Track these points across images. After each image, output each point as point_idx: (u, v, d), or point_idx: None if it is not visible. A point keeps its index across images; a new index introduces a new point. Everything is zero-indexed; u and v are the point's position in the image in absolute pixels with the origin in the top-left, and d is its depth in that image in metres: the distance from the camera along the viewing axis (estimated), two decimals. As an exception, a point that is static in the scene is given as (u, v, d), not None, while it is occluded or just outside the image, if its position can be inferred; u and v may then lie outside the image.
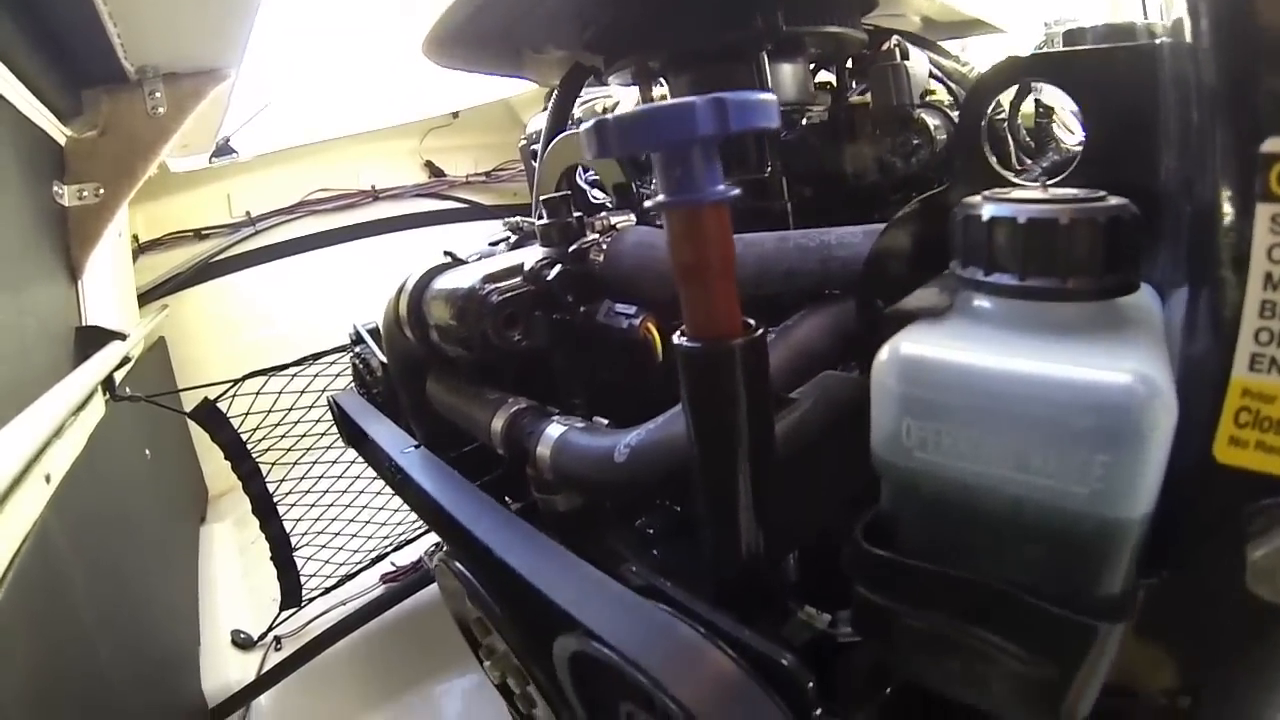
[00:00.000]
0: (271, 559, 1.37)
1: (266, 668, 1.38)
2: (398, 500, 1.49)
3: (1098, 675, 0.33)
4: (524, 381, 0.73)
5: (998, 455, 0.32)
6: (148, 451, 1.68)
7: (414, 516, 1.56)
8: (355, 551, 1.46)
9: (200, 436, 2.10)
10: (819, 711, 0.41)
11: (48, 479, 0.94)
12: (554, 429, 0.60)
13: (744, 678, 0.42)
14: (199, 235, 2.33)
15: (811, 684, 0.40)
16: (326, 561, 1.44)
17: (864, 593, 0.40)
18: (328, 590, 1.43)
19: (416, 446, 0.82)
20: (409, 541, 1.54)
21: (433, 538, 1.52)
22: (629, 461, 0.53)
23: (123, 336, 1.52)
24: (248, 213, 2.31)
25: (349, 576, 1.43)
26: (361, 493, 1.47)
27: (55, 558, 0.86)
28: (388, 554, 1.44)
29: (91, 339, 1.44)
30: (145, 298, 2.15)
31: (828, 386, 0.52)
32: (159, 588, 1.39)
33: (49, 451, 1.01)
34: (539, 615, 0.61)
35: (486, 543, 0.60)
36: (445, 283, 0.75)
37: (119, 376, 1.48)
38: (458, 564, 0.74)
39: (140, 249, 2.23)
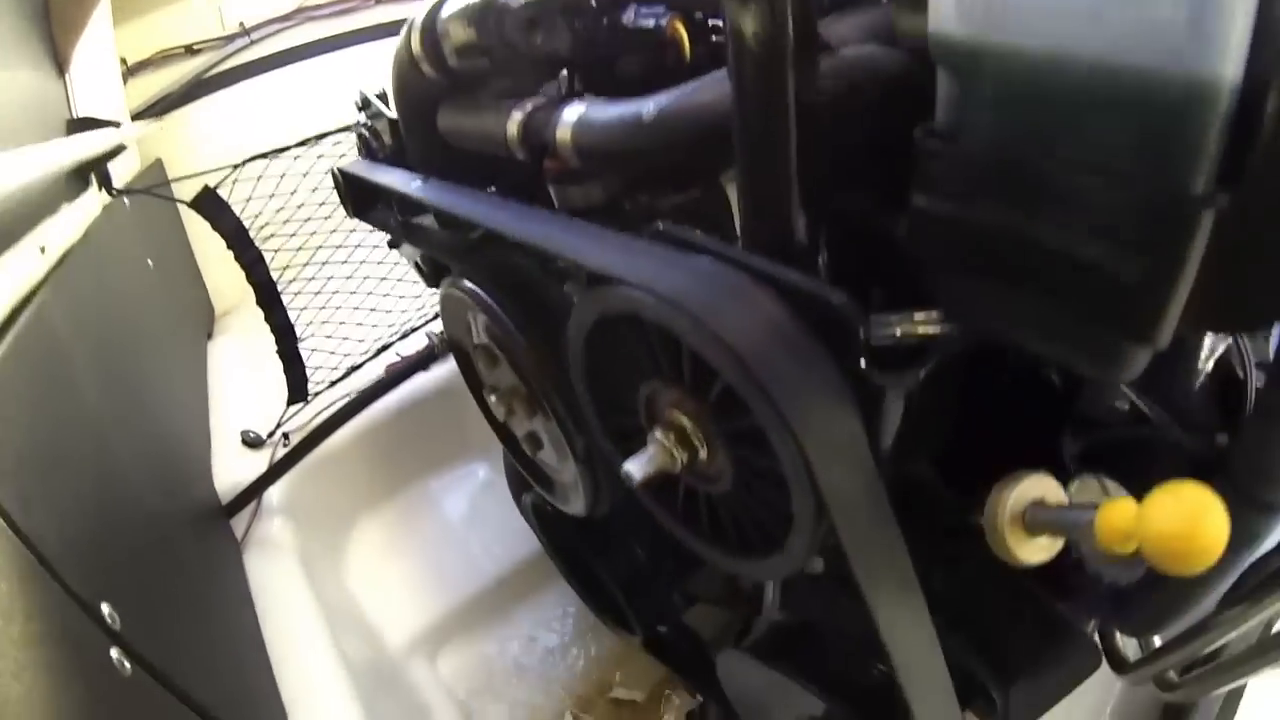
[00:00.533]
0: (277, 352, 1.38)
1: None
2: (403, 288, 1.53)
3: (1186, 281, 0.31)
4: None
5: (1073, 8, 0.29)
6: (150, 262, 1.66)
7: (418, 305, 1.56)
8: (361, 341, 1.46)
9: (205, 252, 2.10)
10: (864, 361, 0.39)
11: (42, 250, 0.92)
12: (572, 110, 0.58)
13: (791, 317, 0.40)
14: (190, 51, 2.21)
15: (862, 328, 0.39)
16: (332, 353, 1.45)
17: (927, 200, 0.38)
18: (334, 384, 1.44)
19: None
20: (415, 329, 1.54)
21: (437, 325, 1.52)
22: (657, 123, 0.51)
23: (115, 124, 1.47)
24: (241, 24, 2.19)
25: (355, 368, 1.43)
26: (366, 279, 1.46)
27: (55, 336, 0.85)
28: (393, 344, 1.44)
29: (83, 129, 1.39)
30: (138, 119, 2.06)
31: (874, 50, 0.49)
32: (166, 392, 1.41)
33: (44, 223, 0.99)
34: (558, 312, 0.60)
35: (508, 230, 0.58)
36: (457, 4, 0.71)
37: (116, 177, 1.44)
38: (467, 283, 0.73)
39: (129, 71, 2.12)
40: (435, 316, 1.53)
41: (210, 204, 1.31)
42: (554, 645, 1.46)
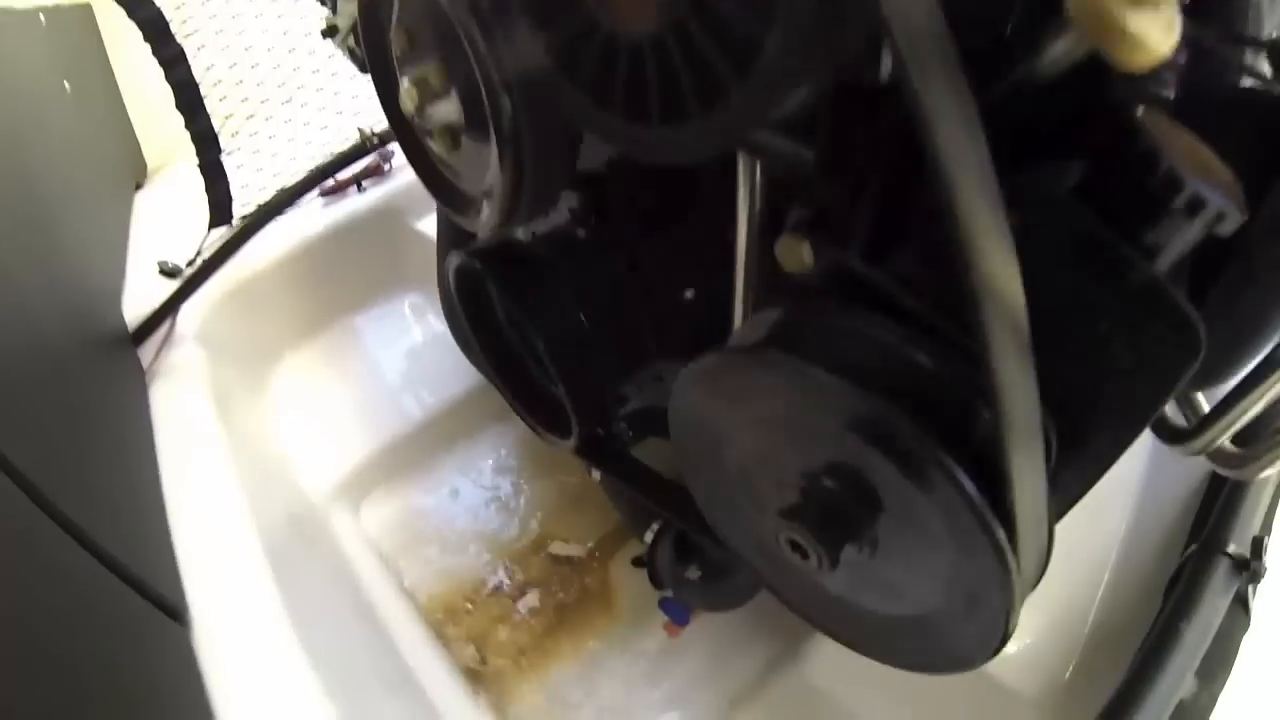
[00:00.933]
0: (199, 165, 1.21)
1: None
2: (340, 102, 1.37)
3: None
4: None
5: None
6: (66, 84, 1.48)
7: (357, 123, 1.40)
8: (293, 159, 1.29)
9: (138, 100, 1.91)
10: None
11: None
12: None
13: None
14: None
15: None
16: (259, 170, 1.28)
17: None
18: (261, 207, 1.27)
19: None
20: (349, 160, 1.38)
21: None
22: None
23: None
24: None
25: (285, 191, 1.27)
26: (300, 88, 1.29)
27: None
28: (328, 167, 1.28)
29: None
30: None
31: None
32: (77, 224, 1.26)
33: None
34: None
35: None
36: None
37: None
38: None
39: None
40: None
41: (124, -14, 1.13)
42: (487, 497, 1.35)
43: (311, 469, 1.29)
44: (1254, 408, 0.49)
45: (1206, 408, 0.57)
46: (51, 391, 0.86)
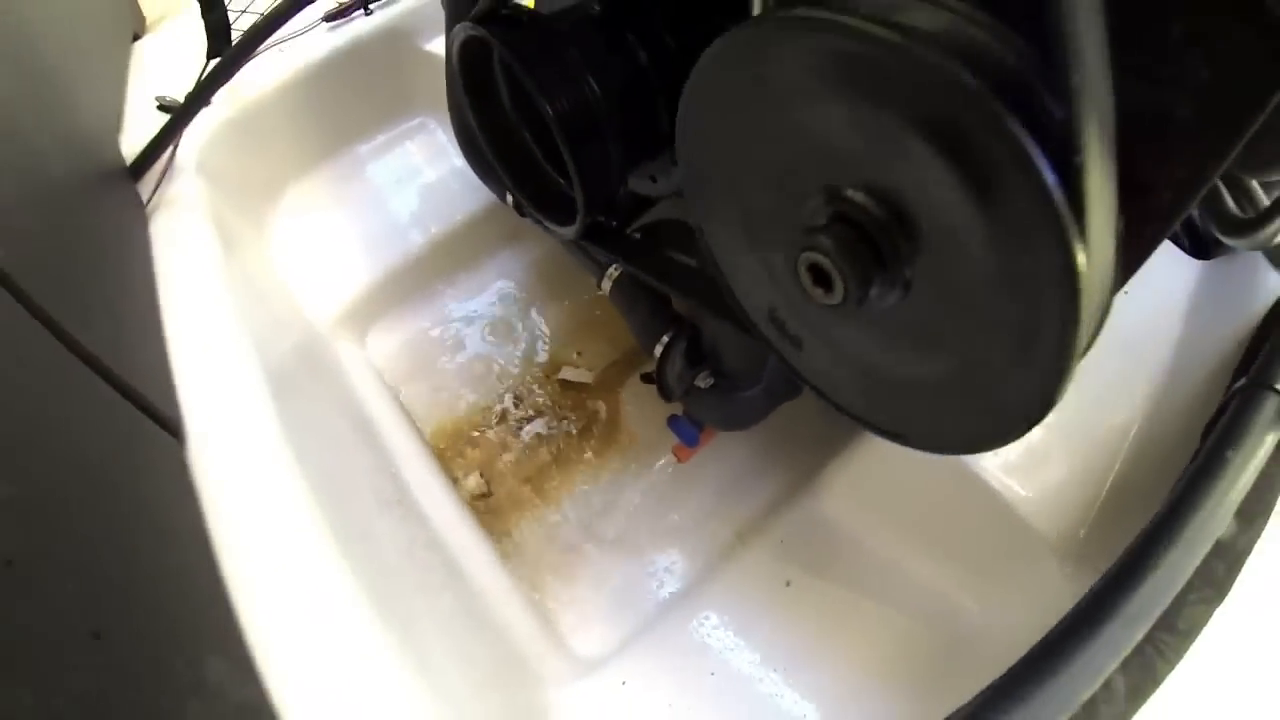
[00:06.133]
0: (192, -9, 1.13)
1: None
2: None
3: None
4: None
5: None
6: None
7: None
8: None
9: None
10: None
11: None
12: None
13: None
14: None
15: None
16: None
17: None
18: (255, 24, 1.19)
19: None
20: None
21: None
22: None
23: None
24: None
25: (281, 5, 1.18)
26: None
27: None
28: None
29: None
30: None
31: None
32: (78, 72, 1.21)
33: None
34: None
35: None
36: None
37: None
38: None
39: None
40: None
41: None
42: (494, 324, 1.35)
43: (316, 298, 1.29)
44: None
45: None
46: (51, 220, 0.85)
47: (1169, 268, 0.88)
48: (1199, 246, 0.89)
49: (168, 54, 1.53)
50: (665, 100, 0.70)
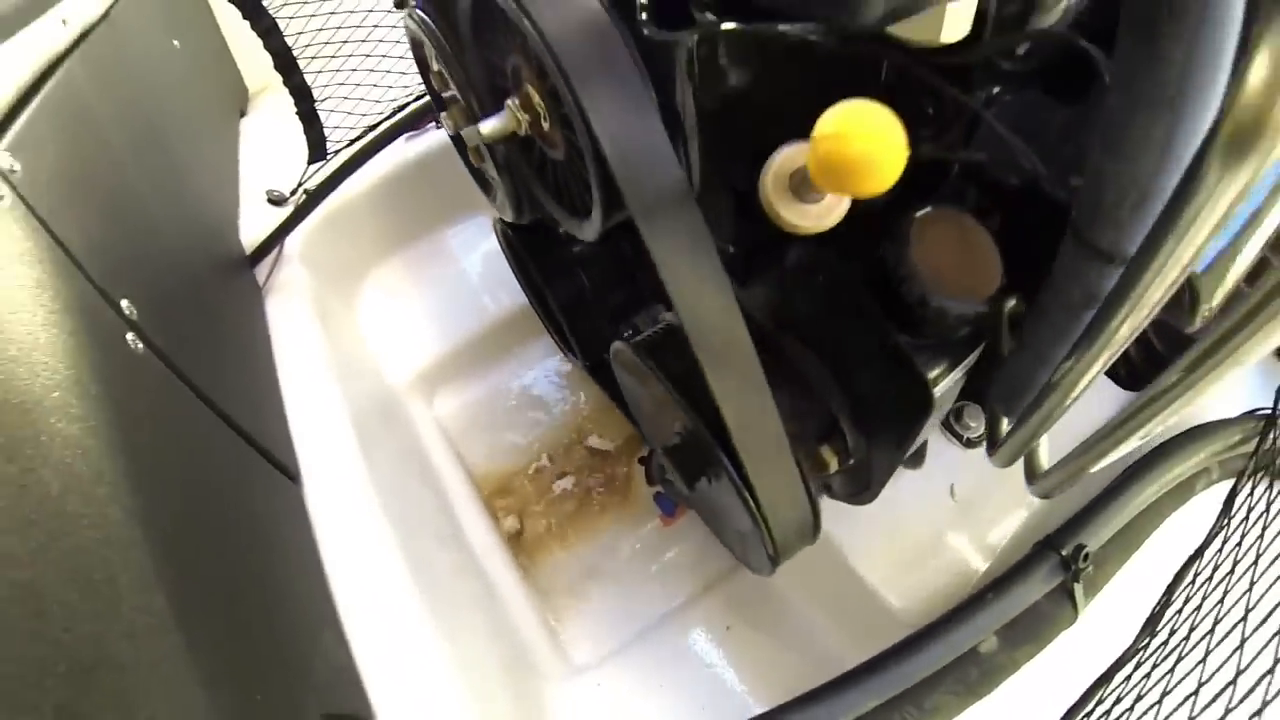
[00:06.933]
0: (297, 113, 1.45)
1: (298, 217, 1.51)
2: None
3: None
4: None
5: None
6: (176, 42, 1.69)
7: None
8: (378, 102, 1.52)
9: (236, 34, 2.12)
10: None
11: (64, 23, 0.97)
12: None
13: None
14: None
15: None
16: (349, 113, 1.53)
17: None
18: (351, 143, 1.51)
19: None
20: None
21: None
22: None
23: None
24: None
25: (372, 128, 1.49)
26: (380, 42, 1.54)
27: (83, 102, 0.90)
28: (408, 105, 1.49)
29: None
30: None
31: None
32: (196, 161, 1.49)
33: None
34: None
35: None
36: None
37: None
38: (419, 13, 0.78)
39: None
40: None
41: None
42: (539, 394, 1.62)
43: (393, 365, 1.58)
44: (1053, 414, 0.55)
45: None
46: (195, 305, 1.08)
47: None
48: (1134, 378, 0.93)
49: (269, 137, 1.83)
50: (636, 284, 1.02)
